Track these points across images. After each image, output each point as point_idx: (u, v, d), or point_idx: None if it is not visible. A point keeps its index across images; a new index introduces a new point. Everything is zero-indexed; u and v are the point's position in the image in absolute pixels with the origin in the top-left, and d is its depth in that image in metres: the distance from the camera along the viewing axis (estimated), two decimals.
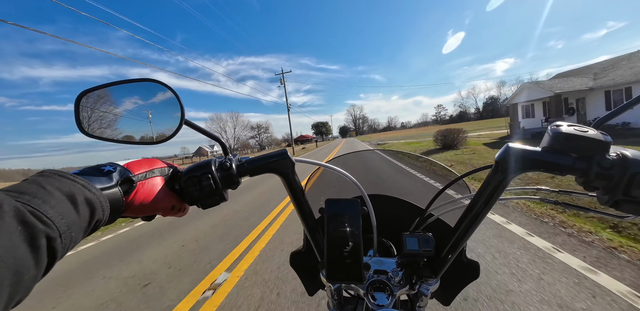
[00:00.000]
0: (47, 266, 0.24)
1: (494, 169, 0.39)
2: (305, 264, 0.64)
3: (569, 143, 0.34)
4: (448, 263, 0.48)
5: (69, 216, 0.25)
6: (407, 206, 0.67)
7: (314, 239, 0.52)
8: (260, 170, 0.45)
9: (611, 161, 0.32)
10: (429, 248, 0.50)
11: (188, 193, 0.40)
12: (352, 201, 0.48)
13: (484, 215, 0.42)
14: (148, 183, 0.36)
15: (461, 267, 0.56)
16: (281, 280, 2.19)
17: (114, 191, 0.32)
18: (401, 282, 0.52)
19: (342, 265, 0.44)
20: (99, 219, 0.29)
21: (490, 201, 0.40)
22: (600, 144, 0.33)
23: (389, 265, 0.54)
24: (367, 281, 0.51)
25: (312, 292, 0.68)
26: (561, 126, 0.35)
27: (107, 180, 0.32)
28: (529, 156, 0.35)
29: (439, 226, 0.59)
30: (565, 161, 0.34)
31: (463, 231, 0.45)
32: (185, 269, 2.64)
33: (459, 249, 0.47)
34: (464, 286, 0.58)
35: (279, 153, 0.45)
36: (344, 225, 0.46)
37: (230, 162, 0.43)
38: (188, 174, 0.40)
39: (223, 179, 0.41)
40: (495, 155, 0.39)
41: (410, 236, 0.52)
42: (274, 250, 2.83)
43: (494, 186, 0.39)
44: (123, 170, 0.35)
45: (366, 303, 0.50)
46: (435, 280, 0.51)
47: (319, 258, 0.54)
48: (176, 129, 0.41)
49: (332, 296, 0.56)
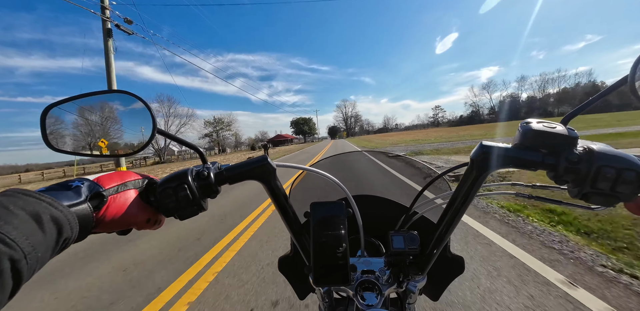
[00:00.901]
0: (12, 289, 0.23)
1: (469, 166, 0.40)
2: (294, 268, 0.64)
3: (539, 139, 0.35)
4: (433, 259, 0.49)
5: (34, 236, 0.24)
6: (392, 205, 0.68)
7: (300, 243, 0.52)
8: (240, 177, 0.44)
9: (578, 155, 0.33)
10: (415, 245, 0.51)
11: (164, 204, 0.39)
12: (337, 204, 0.48)
13: (464, 210, 0.43)
14: (120, 197, 0.35)
15: (447, 262, 0.57)
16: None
17: (82, 207, 0.31)
18: (389, 281, 0.52)
19: (329, 269, 0.44)
20: (67, 237, 0.28)
21: (469, 197, 0.41)
22: (567, 139, 0.34)
23: (377, 264, 0.55)
24: (355, 282, 0.52)
25: (303, 296, 0.68)
26: (531, 123, 0.36)
27: (75, 196, 0.31)
28: (501, 153, 0.36)
29: (423, 223, 0.60)
30: (536, 157, 0.35)
31: (445, 226, 0.45)
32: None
33: (443, 245, 0.48)
34: (451, 280, 0.59)
35: (258, 159, 0.44)
36: (330, 228, 0.45)
37: (208, 170, 0.42)
38: (163, 185, 0.39)
39: (200, 188, 0.40)
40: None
41: (396, 234, 0.53)
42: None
43: (471, 182, 0.40)
44: (92, 185, 0.34)
45: (356, 304, 0.51)
46: (422, 277, 0.52)
47: (307, 262, 0.54)
48: (149, 139, 0.40)
49: (323, 299, 0.56)
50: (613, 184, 0.31)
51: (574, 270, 1.95)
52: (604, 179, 0.31)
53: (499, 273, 1.96)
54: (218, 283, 2.13)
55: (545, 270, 1.96)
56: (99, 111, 0.40)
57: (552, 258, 2.14)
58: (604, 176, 0.31)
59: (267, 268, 2.28)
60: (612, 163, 0.31)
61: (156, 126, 0.40)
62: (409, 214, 0.59)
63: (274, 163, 0.46)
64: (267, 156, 0.45)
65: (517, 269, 2.00)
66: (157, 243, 3.19)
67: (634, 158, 0.32)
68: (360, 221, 0.54)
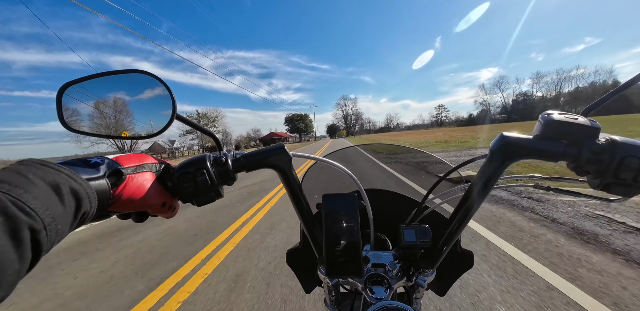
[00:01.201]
0: (32, 261, 0.22)
1: (488, 158, 0.40)
2: (302, 261, 0.63)
3: (560, 130, 0.35)
4: (444, 253, 0.49)
5: (54, 208, 0.24)
6: (403, 199, 0.68)
7: (311, 235, 0.51)
8: (257, 165, 0.44)
9: (601, 145, 0.33)
10: (427, 239, 0.51)
11: (182, 189, 0.38)
12: (349, 196, 0.48)
13: (479, 204, 0.42)
14: (138, 177, 0.35)
15: (456, 257, 0.57)
16: None
17: (100, 182, 0.30)
18: (398, 274, 0.52)
19: (341, 260, 0.44)
20: (86, 212, 0.27)
21: (486, 190, 0.41)
22: (590, 130, 0.34)
23: (387, 258, 0.54)
24: (365, 275, 0.51)
25: (309, 289, 0.67)
26: (552, 114, 0.36)
27: (93, 171, 0.30)
28: (522, 143, 0.36)
29: (434, 218, 0.60)
30: (557, 148, 0.35)
31: (458, 221, 0.45)
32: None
33: (455, 240, 0.48)
34: (459, 275, 0.59)
35: (276, 148, 0.44)
36: (342, 220, 0.45)
37: (226, 157, 0.42)
38: (181, 170, 0.39)
39: (218, 174, 0.40)
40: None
41: (408, 228, 0.53)
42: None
43: (489, 174, 0.40)
44: (111, 162, 0.33)
45: (364, 297, 0.50)
46: (431, 271, 0.52)
47: (317, 254, 0.53)
48: (167, 124, 0.39)
49: (330, 292, 0.56)
50: (636, 174, 0.31)
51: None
52: (627, 169, 0.31)
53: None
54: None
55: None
56: (115, 91, 0.39)
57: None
58: (627, 166, 0.31)
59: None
60: (636, 153, 0.31)
61: (176, 109, 0.39)
62: (421, 209, 0.59)
63: (291, 153, 0.45)
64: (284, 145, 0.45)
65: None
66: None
67: None
68: (371, 215, 0.54)
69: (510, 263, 2.05)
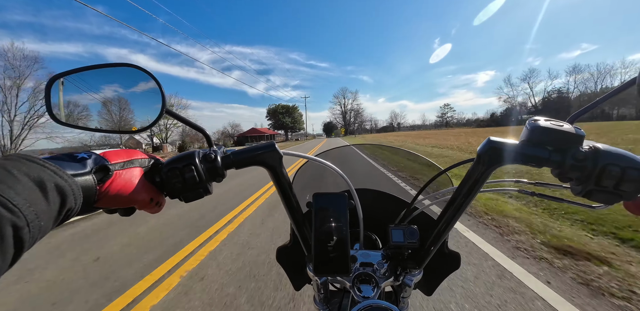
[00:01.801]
0: (13, 257, 0.22)
1: (476, 161, 0.40)
2: (292, 259, 0.64)
3: (546, 137, 0.35)
4: (431, 254, 0.50)
5: (38, 204, 0.24)
6: (392, 199, 0.68)
7: (301, 233, 0.51)
8: (247, 162, 0.44)
9: (584, 153, 0.34)
10: (414, 239, 0.51)
11: (170, 185, 0.38)
12: (339, 195, 0.48)
13: (466, 207, 0.43)
14: (126, 173, 0.35)
15: (443, 258, 0.58)
16: None
17: (87, 178, 0.30)
18: (386, 274, 0.52)
19: (329, 258, 0.44)
20: (70, 208, 0.27)
21: (472, 193, 0.41)
22: (574, 137, 0.34)
23: (375, 257, 0.55)
24: (353, 273, 0.52)
25: (299, 287, 0.68)
26: (539, 120, 0.37)
27: (80, 166, 0.30)
28: (508, 148, 0.37)
29: (423, 219, 0.61)
30: (542, 154, 0.36)
31: (445, 222, 0.46)
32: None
33: (442, 241, 0.48)
34: (446, 276, 0.60)
35: (266, 145, 0.44)
36: (332, 219, 0.46)
37: (215, 154, 0.41)
38: (169, 165, 0.39)
39: (207, 171, 0.40)
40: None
41: (396, 228, 0.53)
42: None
43: (476, 178, 0.40)
44: (99, 158, 0.33)
45: (352, 295, 0.51)
46: (418, 271, 0.52)
47: (306, 252, 0.54)
48: (156, 118, 0.39)
49: (319, 289, 0.56)
50: (617, 182, 0.32)
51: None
52: (608, 177, 0.32)
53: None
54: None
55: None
56: (105, 85, 0.39)
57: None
58: (608, 174, 0.32)
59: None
60: (617, 161, 0.32)
61: (165, 103, 0.39)
62: (410, 209, 0.60)
63: (281, 151, 0.45)
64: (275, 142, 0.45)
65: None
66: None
67: (638, 157, 0.33)
68: (361, 214, 0.54)
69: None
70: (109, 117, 0.41)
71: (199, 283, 2.05)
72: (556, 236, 2.47)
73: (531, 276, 1.90)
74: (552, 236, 2.49)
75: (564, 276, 1.91)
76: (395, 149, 1.12)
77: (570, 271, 1.96)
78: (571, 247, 2.25)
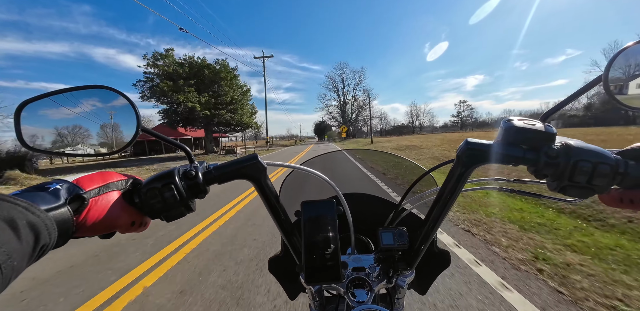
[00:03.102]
0: None
1: (455, 162, 0.41)
2: (285, 268, 0.64)
3: (520, 136, 0.36)
4: (421, 253, 0.50)
5: (9, 244, 0.23)
6: (381, 202, 0.69)
7: (291, 243, 0.51)
8: (230, 176, 0.43)
9: (557, 150, 0.35)
10: (404, 241, 0.52)
11: (149, 205, 0.38)
12: (327, 202, 0.48)
13: (450, 205, 0.44)
14: (102, 199, 0.34)
15: (433, 257, 0.59)
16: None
17: (61, 211, 0.29)
18: (379, 277, 0.53)
19: (320, 267, 0.44)
20: (45, 244, 0.27)
21: (455, 192, 0.42)
22: (546, 135, 0.35)
23: (367, 261, 0.55)
24: (346, 279, 0.52)
25: (294, 296, 0.68)
26: (512, 120, 0.38)
27: (53, 199, 0.29)
28: (485, 149, 0.38)
29: (411, 220, 0.61)
30: (518, 153, 0.36)
31: (433, 222, 0.46)
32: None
33: (430, 240, 0.49)
34: (437, 274, 0.60)
35: (249, 158, 0.44)
36: (321, 227, 0.46)
37: (196, 170, 0.41)
38: (148, 185, 0.38)
39: (188, 188, 0.39)
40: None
41: (386, 231, 0.54)
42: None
43: (457, 178, 0.41)
44: (72, 187, 0.32)
45: (347, 301, 0.51)
46: (410, 272, 0.53)
47: (297, 261, 0.54)
48: (132, 138, 0.39)
49: (314, 297, 0.56)
50: (589, 177, 0.33)
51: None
52: (580, 173, 0.33)
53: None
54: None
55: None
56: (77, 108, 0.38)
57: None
58: (580, 170, 0.33)
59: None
60: (588, 157, 0.33)
61: (140, 123, 0.39)
62: (398, 211, 0.60)
63: (264, 162, 0.45)
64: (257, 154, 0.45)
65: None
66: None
67: (608, 152, 0.34)
68: (351, 219, 0.54)
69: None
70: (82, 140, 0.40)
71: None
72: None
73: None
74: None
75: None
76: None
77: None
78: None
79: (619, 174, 0.32)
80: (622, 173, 0.32)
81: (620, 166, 0.32)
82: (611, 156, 0.33)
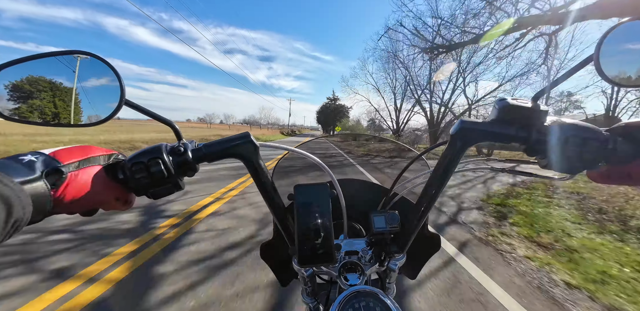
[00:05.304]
0: None
1: (449, 143, 0.41)
2: (277, 254, 0.63)
3: (512, 114, 0.37)
4: (412, 237, 0.50)
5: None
6: (374, 187, 0.68)
7: (283, 226, 0.50)
8: (220, 155, 0.42)
9: (548, 127, 0.35)
10: (395, 224, 0.52)
11: (135, 181, 0.36)
12: (321, 186, 0.48)
13: (442, 188, 0.44)
14: (82, 174, 0.32)
15: (424, 240, 0.59)
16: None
17: (37, 184, 0.27)
18: (371, 260, 0.53)
19: (314, 249, 0.43)
20: (18, 219, 0.24)
21: (448, 174, 0.42)
22: (539, 113, 0.36)
23: (359, 245, 0.55)
24: (339, 263, 0.52)
25: (286, 283, 0.67)
26: (506, 99, 0.39)
27: (27, 172, 0.27)
28: (479, 127, 0.38)
29: (403, 204, 0.61)
30: (510, 131, 0.37)
31: (425, 204, 0.47)
32: None
33: (422, 223, 0.49)
34: (427, 258, 0.61)
35: (241, 136, 0.42)
36: (315, 210, 0.45)
37: (185, 147, 0.39)
38: (133, 160, 0.36)
39: (176, 165, 0.38)
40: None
41: (378, 215, 0.54)
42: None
43: (450, 158, 0.41)
44: (48, 159, 0.30)
45: (339, 285, 0.51)
46: (402, 255, 0.53)
47: (290, 245, 0.53)
48: (114, 110, 0.36)
49: (306, 283, 0.56)
50: (580, 152, 0.33)
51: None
52: (571, 148, 0.33)
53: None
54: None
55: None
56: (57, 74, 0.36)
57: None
58: (571, 145, 0.33)
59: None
60: (578, 133, 0.33)
61: (124, 94, 0.36)
62: (390, 196, 0.60)
63: (258, 142, 0.44)
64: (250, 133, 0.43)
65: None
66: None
67: (598, 128, 0.34)
68: (344, 204, 0.54)
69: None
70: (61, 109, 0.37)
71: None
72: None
73: None
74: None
75: None
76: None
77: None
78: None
79: (608, 149, 0.33)
80: (610, 148, 0.33)
81: (609, 142, 0.33)
82: (601, 132, 0.34)
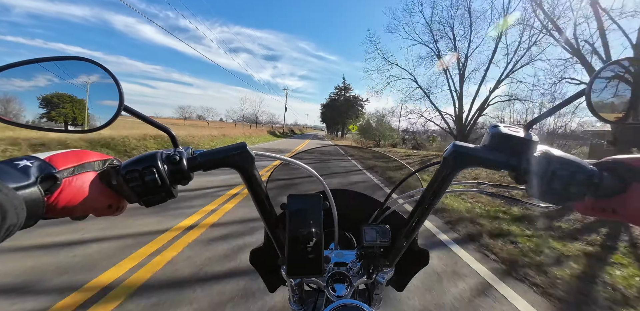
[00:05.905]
0: None
1: (442, 164, 0.42)
2: (266, 261, 0.63)
3: (504, 142, 0.38)
4: (402, 251, 0.51)
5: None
6: (367, 199, 0.69)
7: (274, 235, 0.51)
8: (216, 164, 0.42)
9: (537, 158, 0.36)
10: (386, 238, 0.53)
11: (128, 189, 0.36)
12: (314, 196, 0.48)
13: (433, 206, 0.45)
14: (77, 180, 0.32)
15: (413, 255, 0.60)
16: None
17: (31, 190, 0.27)
18: (360, 272, 0.53)
19: (303, 260, 0.44)
20: (12, 224, 0.25)
21: (439, 194, 0.43)
22: (529, 143, 0.37)
23: (349, 256, 0.56)
24: (327, 273, 0.52)
25: (273, 289, 0.67)
26: (499, 126, 0.40)
27: (22, 177, 0.27)
28: (471, 153, 0.39)
29: (394, 218, 0.62)
30: (501, 158, 0.38)
31: (415, 221, 0.47)
32: None
33: (412, 239, 0.50)
34: (416, 272, 0.62)
35: (237, 146, 0.43)
36: (306, 220, 0.45)
37: (180, 155, 0.39)
38: (128, 167, 0.36)
39: (171, 174, 0.38)
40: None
41: (369, 227, 0.54)
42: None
43: (442, 179, 0.42)
44: (43, 165, 0.30)
45: (326, 295, 0.51)
46: (390, 269, 0.54)
47: (280, 254, 0.53)
48: (113, 117, 0.36)
49: (293, 291, 0.57)
50: (566, 185, 0.34)
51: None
52: (558, 180, 0.34)
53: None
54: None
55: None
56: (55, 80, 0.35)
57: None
58: (558, 178, 0.34)
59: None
60: (566, 166, 0.34)
61: (123, 100, 0.36)
62: (382, 209, 0.61)
63: (254, 152, 0.44)
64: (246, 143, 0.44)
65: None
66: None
67: (585, 162, 0.35)
68: (336, 215, 0.55)
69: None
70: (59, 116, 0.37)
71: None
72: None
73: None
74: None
75: None
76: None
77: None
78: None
79: (593, 184, 0.34)
80: (596, 183, 0.34)
81: (595, 177, 0.34)
82: (588, 167, 0.35)
